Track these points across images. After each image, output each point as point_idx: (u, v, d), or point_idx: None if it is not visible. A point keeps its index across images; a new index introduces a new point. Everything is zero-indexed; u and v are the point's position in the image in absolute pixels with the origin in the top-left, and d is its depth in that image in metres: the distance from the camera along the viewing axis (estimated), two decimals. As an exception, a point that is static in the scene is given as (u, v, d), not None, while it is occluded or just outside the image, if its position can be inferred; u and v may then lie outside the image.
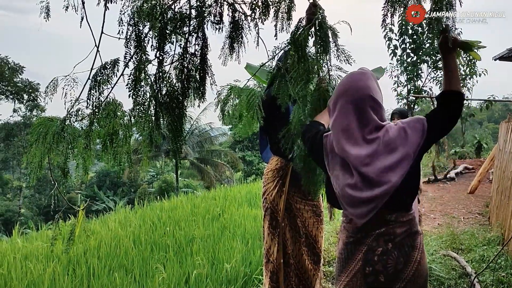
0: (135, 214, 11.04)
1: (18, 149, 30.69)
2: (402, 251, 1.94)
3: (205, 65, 3.06)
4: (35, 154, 2.80)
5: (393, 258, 1.92)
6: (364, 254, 1.97)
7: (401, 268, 1.92)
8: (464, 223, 7.51)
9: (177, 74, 3.01)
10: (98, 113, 2.87)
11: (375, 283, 1.94)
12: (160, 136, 3.09)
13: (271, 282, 3.32)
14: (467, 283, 4.38)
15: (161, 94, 2.96)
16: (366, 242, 1.97)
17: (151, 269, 6.26)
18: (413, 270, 1.94)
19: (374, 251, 1.94)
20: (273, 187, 3.29)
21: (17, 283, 5.80)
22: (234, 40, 3.07)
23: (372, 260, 1.94)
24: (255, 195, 11.89)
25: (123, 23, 2.81)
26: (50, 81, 2.89)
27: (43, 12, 2.88)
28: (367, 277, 1.95)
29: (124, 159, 3.03)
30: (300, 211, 3.32)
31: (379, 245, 1.94)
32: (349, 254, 2.02)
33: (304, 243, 3.33)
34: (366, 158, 1.90)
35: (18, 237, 9.04)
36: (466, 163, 14.43)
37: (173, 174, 30.53)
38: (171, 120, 2.96)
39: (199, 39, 3.01)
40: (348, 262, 2.02)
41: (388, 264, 1.92)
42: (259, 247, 6.70)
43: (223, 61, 3.06)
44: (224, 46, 3.08)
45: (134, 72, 2.79)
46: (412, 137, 1.92)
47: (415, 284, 1.95)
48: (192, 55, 3.03)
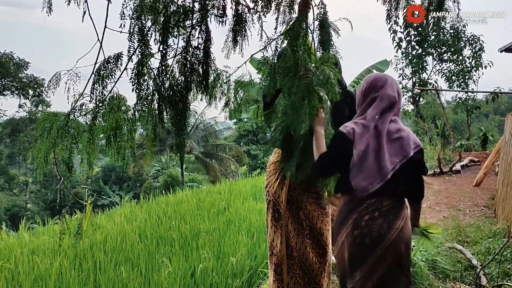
0: (141, 208, 11.07)
1: (23, 145, 30.77)
2: (387, 219, 2.30)
3: (208, 58, 3.05)
4: (40, 149, 2.80)
5: (377, 224, 2.28)
6: (354, 220, 2.34)
7: (384, 232, 2.27)
8: (470, 216, 7.48)
9: (180, 68, 3.00)
10: (101, 108, 2.87)
11: (361, 244, 2.30)
12: (164, 130, 3.10)
13: (275, 275, 3.33)
14: (473, 276, 4.37)
15: (164, 88, 2.96)
16: (357, 210, 2.34)
17: (157, 263, 6.28)
18: (394, 235, 2.28)
19: (362, 217, 2.32)
20: (275, 179, 3.29)
21: (24, 277, 5.84)
22: (238, 33, 3.07)
23: (360, 225, 2.31)
24: (260, 189, 11.89)
25: (125, 17, 2.80)
26: (53, 75, 2.90)
27: (45, 7, 2.87)
28: (355, 238, 2.31)
29: (128, 154, 3.03)
30: (303, 203, 3.31)
31: (368, 212, 2.32)
32: (343, 219, 2.40)
33: (308, 235, 3.32)
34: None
35: (25, 232, 9.08)
36: (471, 155, 14.34)
37: (178, 168, 30.59)
38: (174, 114, 2.96)
39: (203, 32, 3.00)
40: (342, 226, 2.40)
41: (373, 228, 2.28)
42: (264, 240, 6.71)
43: (226, 54, 3.07)
44: (227, 39, 3.07)
45: (137, 66, 2.79)
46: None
47: (396, 248, 2.29)
48: (196, 49, 3.02)
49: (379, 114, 2.37)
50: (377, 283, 2.28)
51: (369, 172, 2.32)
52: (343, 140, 2.39)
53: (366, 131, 2.36)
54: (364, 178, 2.32)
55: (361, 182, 2.32)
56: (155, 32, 2.88)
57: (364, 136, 2.35)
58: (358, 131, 2.37)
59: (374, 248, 2.27)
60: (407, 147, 2.34)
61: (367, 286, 2.29)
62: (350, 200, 2.40)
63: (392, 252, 2.28)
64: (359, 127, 2.38)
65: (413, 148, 2.36)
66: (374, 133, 2.36)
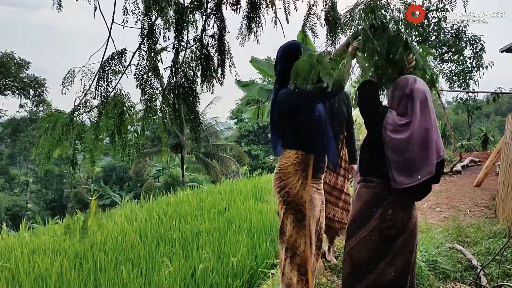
0: (141, 208, 11.09)
1: (24, 145, 30.80)
2: (407, 210, 2.51)
3: (224, 46, 3.08)
4: (44, 145, 2.79)
5: (400, 216, 2.49)
6: (380, 214, 2.51)
7: (406, 223, 2.49)
8: (470, 216, 7.47)
9: (195, 58, 3.02)
10: (107, 104, 2.86)
11: (388, 236, 2.49)
12: (179, 124, 3.14)
13: (299, 275, 3.34)
14: (473, 276, 4.37)
15: (178, 82, 2.96)
16: (382, 205, 2.51)
17: (158, 263, 6.29)
18: (413, 224, 2.53)
19: (387, 211, 2.49)
20: (296, 180, 3.30)
21: (25, 277, 5.85)
22: (252, 20, 3.07)
23: (386, 219, 2.49)
24: (261, 189, 11.89)
25: (130, 13, 2.80)
26: (67, 72, 2.89)
27: (55, 3, 2.85)
28: (382, 231, 2.49)
29: (133, 151, 3.02)
30: (316, 200, 3.37)
31: (392, 206, 2.50)
32: (368, 215, 2.54)
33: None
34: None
35: (25, 232, 9.10)
36: (472, 156, 14.34)
37: (179, 168, 30.58)
38: (188, 110, 2.99)
39: (218, 20, 3.02)
40: (366, 221, 2.54)
41: (397, 220, 2.48)
42: (265, 241, 6.71)
43: (240, 41, 3.08)
44: (242, 27, 3.08)
45: (149, 59, 2.79)
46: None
47: (414, 236, 2.55)
48: (211, 38, 3.04)
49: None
50: (398, 269, 2.51)
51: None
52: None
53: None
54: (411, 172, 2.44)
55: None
56: (167, 25, 2.89)
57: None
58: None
59: (398, 238, 2.49)
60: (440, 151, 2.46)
61: (389, 274, 2.51)
62: (374, 195, 2.55)
63: (411, 240, 2.53)
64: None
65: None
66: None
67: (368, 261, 2.54)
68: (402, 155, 2.40)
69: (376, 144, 2.52)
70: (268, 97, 7.82)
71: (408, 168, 2.40)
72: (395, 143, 2.41)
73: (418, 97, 2.41)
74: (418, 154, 2.38)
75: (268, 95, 7.83)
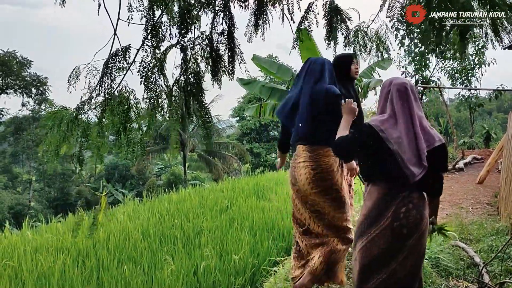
0: (144, 206, 11.10)
1: (27, 143, 30.83)
2: (419, 210, 2.50)
3: (233, 43, 3.09)
4: (51, 142, 2.80)
5: (413, 215, 2.48)
6: (393, 212, 2.49)
7: (418, 222, 2.49)
8: (473, 214, 7.46)
9: (205, 55, 3.04)
10: (111, 101, 2.86)
11: (400, 234, 2.48)
12: (190, 120, 3.16)
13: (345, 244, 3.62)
14: (476, 273, 4.36)
15: (188, 79, 2.97)
16: (394, 203, 2.50)
17: (160, 261, 6.30)
18: (425, 225, 2.52)
19: (400, 209, 2.49)
20: (339, 175, 3.49)
21: (28, 275, 5.86)
22: (259, 17, 3.09)
23: (399, 217, 2.48)
24: (263, 187, 11.89)
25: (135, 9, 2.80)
26: (73, 69, 2.90)
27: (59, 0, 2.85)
28: (394, 229, 2.48)
29: (137, 148, 3.02)
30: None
31: (404, 204, 2.49)
32: (381, 212, 2.53)
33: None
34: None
35: (28, 230, 9.11)
36: (474, 153, 14.31)
37: (181, 166, 30.58)
38: (198, 107, 3.01)
39: (226, 17, 3.03)
40: (379, 218, 2.53)
41: (409, 219, 2.47)
42: (267, 238, 6.71)
43: (248, 38, 3.11)
44: (249, 23, 3.10)
45: (153, 56, 2.79)
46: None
47: (425, 237, 2.56)
48: (220, 35, 3.05)
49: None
50: (409, 269, 2.52)
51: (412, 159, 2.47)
52: (368, 132, 2.53)
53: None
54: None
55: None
56: (172, 21, 2.90)
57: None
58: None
59: (410, 237, 2.49)
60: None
61: (400, 273, 2.51)
62: (386, 193, 2.55)
63: (422, 241, 2.54)
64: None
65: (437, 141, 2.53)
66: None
67: (379, 259, 2.53)
68: (402, 147, 2.46)
69: (371, 157, 2.60)
70: (270, 95, 7.80)
71: (415, 157, 2.46)
72: (392, 137, 2.47)
73: (394, 92, 2.55)
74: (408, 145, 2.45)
75: (269, 93, 7.81)
